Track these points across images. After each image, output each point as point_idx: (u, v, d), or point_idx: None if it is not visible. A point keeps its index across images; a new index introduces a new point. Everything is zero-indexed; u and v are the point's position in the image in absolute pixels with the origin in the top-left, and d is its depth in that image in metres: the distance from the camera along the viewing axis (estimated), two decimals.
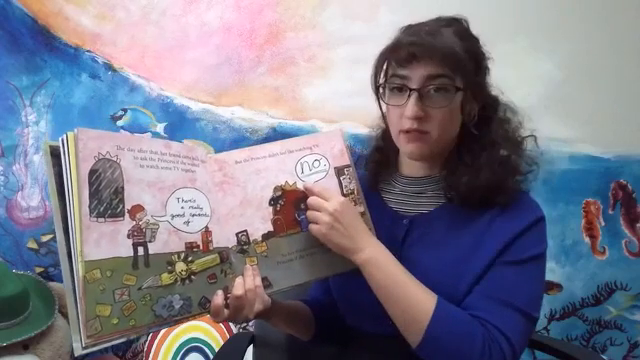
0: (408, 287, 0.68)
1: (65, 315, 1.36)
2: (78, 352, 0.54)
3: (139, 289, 0.58)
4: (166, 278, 0.61)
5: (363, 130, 1.50)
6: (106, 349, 1.51)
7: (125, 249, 0.59)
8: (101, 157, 0.60)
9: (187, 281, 0.63)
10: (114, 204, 0.59)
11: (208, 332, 1.46)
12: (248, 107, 1.50)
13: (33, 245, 1.49)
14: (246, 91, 1.50)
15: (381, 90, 0.77)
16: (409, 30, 0.75)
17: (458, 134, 0.77)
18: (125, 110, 1.50)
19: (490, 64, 0.77)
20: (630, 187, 1.44)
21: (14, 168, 1.49)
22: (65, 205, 0.58)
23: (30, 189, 1.49)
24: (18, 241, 1.49)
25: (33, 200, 1.49)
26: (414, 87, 0.71)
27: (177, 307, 0.61)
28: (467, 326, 0.66)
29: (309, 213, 0.71)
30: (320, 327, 0.87)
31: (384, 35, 0.78)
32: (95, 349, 0.55)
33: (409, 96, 0.71)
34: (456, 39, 0.70)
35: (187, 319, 0.63)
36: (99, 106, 1.49)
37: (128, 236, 0.59)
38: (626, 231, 1.44)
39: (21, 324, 1.20)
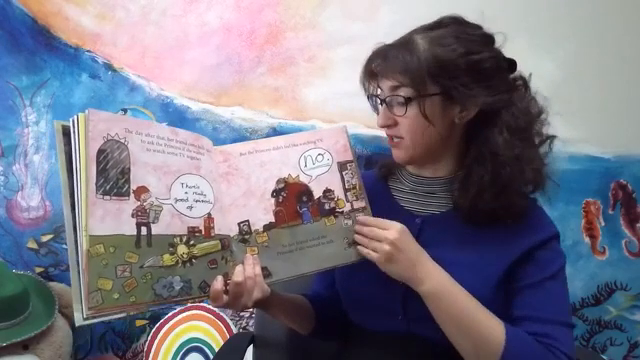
0: (476, 316, 0.67)
1: (65, 315, 1.36)
2: (79, 322, 0.56)
3: (141, 267, 0.60)
4: (168, 259, 0.62)
5: (363, 130, 1.51)
6: (106, 349, 1.51)
7: (129, 227, 0.60)
8: (110, 138, 0.62)
9: (188, 264, 0.64)
10: (120, 183, 0.61)
11: (208, 332, 1.46)
12: (248, 107, 1.50)
13: (33, 245, 1.49)
14: (246, 91, 1.50)
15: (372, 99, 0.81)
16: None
17: (458, 137, 0.77)
18: (125, 110, 1.50)
19: (492, 64, 0.73)
20: (630, 187, 1.44)
21: (14, 168, 1.49)
22: (73, 182, 0.59)
23: (30, 189, 1.49)
24: (18, 241, 1.49)
25: (33, 200, 1.49)
26: (382, 98, 0.75)
27: (177, 288, 0.62)
28: (540, 356, 0.66)
29: (368, 242, 0.71)
30: (320, 322, 0.87)
31: (384, 35, 0.78)
32: (95, 321, 0.57)
33: (381, 106, 0.76)
34: (426, 46, 0.71)
35: (187, 301, 0.64)
36: (99, 106, 1.49)
37: (132, 215, 0.61)
38: (626, 231, 1.44)
39: (21, 324, 1.20)
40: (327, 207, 0.75)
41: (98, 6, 1.49)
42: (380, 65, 0.75)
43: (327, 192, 0.76)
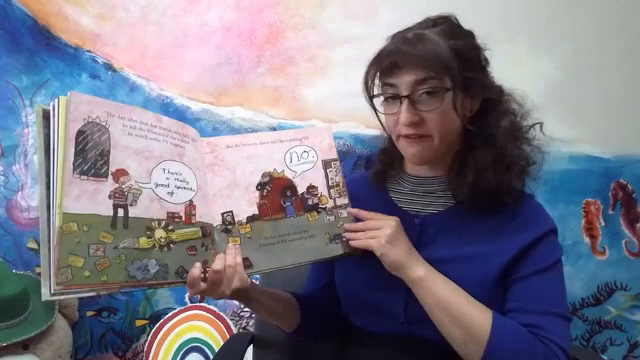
0: (464, 303, 0.68)
1: (65, 315, 1.36)
2: (46, 297, 0.56)
3: (115, 248, 0.60)
4: (144, 242, 0.62)
5: (363, 130, 1.51)
6: (106, 349, 1.51)
7: (105, 208, 0.60)
8: (90, 120, 0.61)
9: (165, 248, 0.64)
10: (98, 165, 0.61)
11: (208, 332, 1.46)
12: (248, 107, 1.50)
13: (33, 245, 1.49)
14: (246, 91, 1.50)
15: (375, 101, 0.78)
16: (393, 39, 0.76)
17: (461, 133, 0.77)
18: None
19: (488, 55, 0.77)
20: (630, 187, 1.44)
21: (14, 168, 1.49)
22: (49, 163, 0.59)
23: (30, 189, 1.49)
24: (18, 241, 1.49)
25: (33, 200, 1.49)
26: (404, 94, 0.72)
27: (152, 271, 0.62)
28: (528, 344, 0.65)
29: (364, 234, 0.73)
30: (305, 321, 0.87)
31: (384, 35, 0.78)
32: (63, 297, 0.57)
33: (401, 103, 0.72)
34: (441, 39, 0.70)
35: (162, 285, 0.64)
36: None
37: (109, 197, 0.61)
38: (626, 231, 1.44)
39: (21, 324, 1.20)
40: (310, 202, 0.77)
41: (98, 6, 1.49)
42: (407, 58, 0.71)
43: (311, 188, 0.78)
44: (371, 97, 0.78)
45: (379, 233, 0.71)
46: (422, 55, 0.69)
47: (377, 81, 0.76)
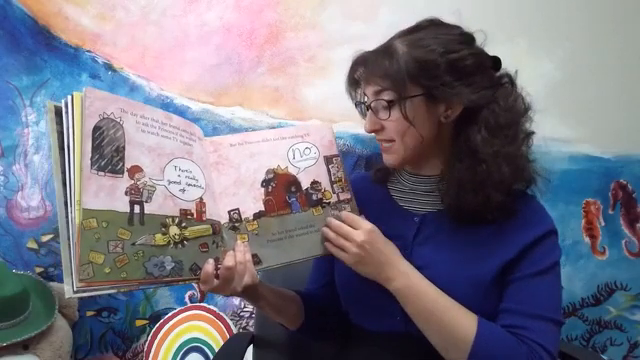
0: (447, 311, 0.68)
1: (65, 315, 1.36)
2: (69, 295, 0.55)
3: (133, 244, 0.60)
4: (160, 239, 0.63)
5: (363, 130, 1.51)
6: (106, 349, 1.51)
7: (122, 204, 0.60)
8: (105, 116, 0.62)
9: (179, 245, 0.64)
10: (114, 161, 0.61)
11: (208, 332, 1.46)
12: (248, 107, 1.50)
13: (33, 245, 1.49)
14: (246, 91, 1.50)
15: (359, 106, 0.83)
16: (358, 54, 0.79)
17: (445, 138, 0.76)
18: None
19: (473, 62, 0.72)
20: (630, 187, 1.44)
21: (14, 168, 1.49)
22: (64, 159, 0.59)
23: (30, 189, 1.49)
24: (18, 241, 1.49)
25: (33, 200, 1.49)
26: (367, 103, 0.76)
27: (168, 268, 0.63)
28: (510, 347, 0.66)
29: (337, 240, 0.73)
30: (308, 319, 0.88)
31: (384, 35, 0.79)
32: (85, 295, 0.56)
33: (367, 110, 0.77)
34: (406, 49, 0.71)
35: (177, 282, 0.64)
36: None
37: (126, 193, 0.61)
38: (626, 231, 1.44)
39: (21, 324, 1.20)
40: (315, 198, 0.78)
41: (98, 6, 1.49)
42: (362, 72, 0.76)
43: (314, 184, 0.78)
44: (355, 104, 0.83)
45: (348, 248, 0.71)
46: (372, 72, 0.74)
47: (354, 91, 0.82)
